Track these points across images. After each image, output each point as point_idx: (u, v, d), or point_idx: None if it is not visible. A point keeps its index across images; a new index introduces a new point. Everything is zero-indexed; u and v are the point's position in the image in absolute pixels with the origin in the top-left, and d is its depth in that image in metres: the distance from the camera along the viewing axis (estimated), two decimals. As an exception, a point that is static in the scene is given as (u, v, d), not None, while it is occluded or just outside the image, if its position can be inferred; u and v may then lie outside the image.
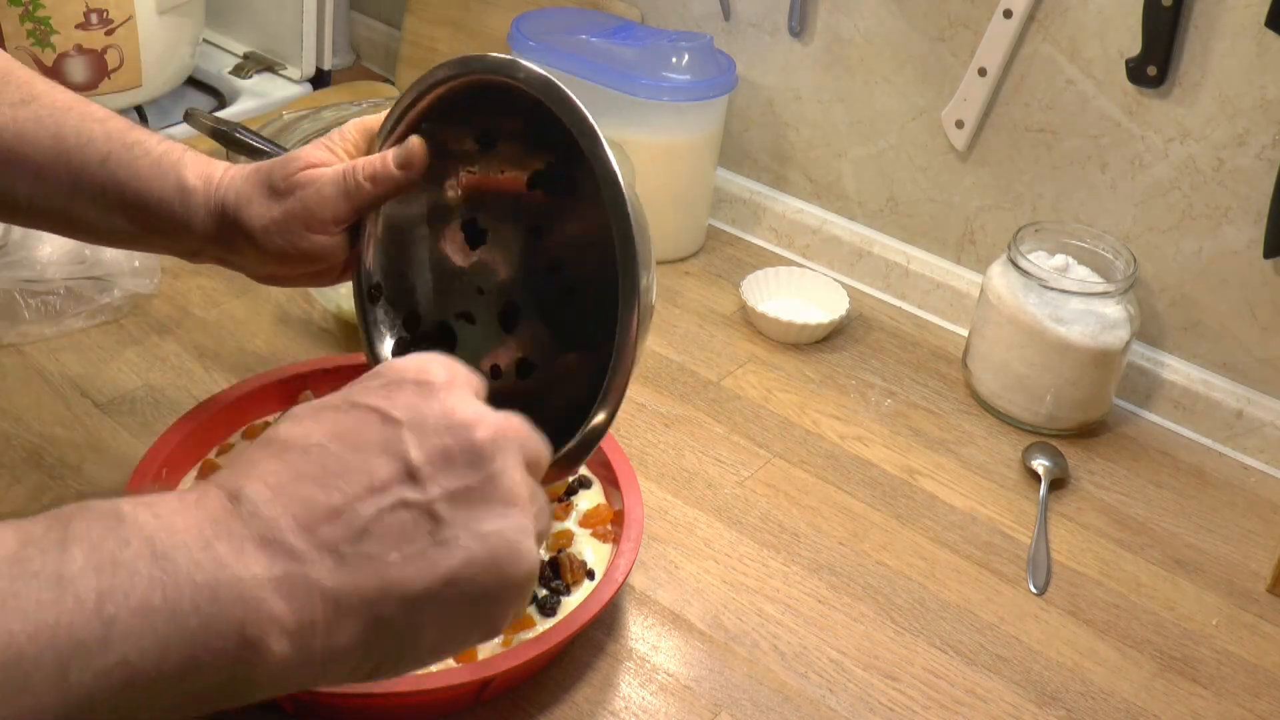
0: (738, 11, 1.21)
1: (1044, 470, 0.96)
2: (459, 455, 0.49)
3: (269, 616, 0.43)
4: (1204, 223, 1.00)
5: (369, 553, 0.46)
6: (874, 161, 1.18)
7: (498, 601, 0.49)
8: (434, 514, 0.47)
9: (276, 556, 0.44)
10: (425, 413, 0.49)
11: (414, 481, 0.47)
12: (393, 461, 0.48)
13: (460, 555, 0.47)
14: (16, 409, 0.92)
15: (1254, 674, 0.82)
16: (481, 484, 0.49)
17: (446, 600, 0.47)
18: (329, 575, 0.45)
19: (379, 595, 0.46)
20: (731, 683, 0.77)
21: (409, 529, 0.47)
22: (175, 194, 0.71)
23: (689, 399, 1.02)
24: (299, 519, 0.45)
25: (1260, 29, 0.92)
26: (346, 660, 0.46)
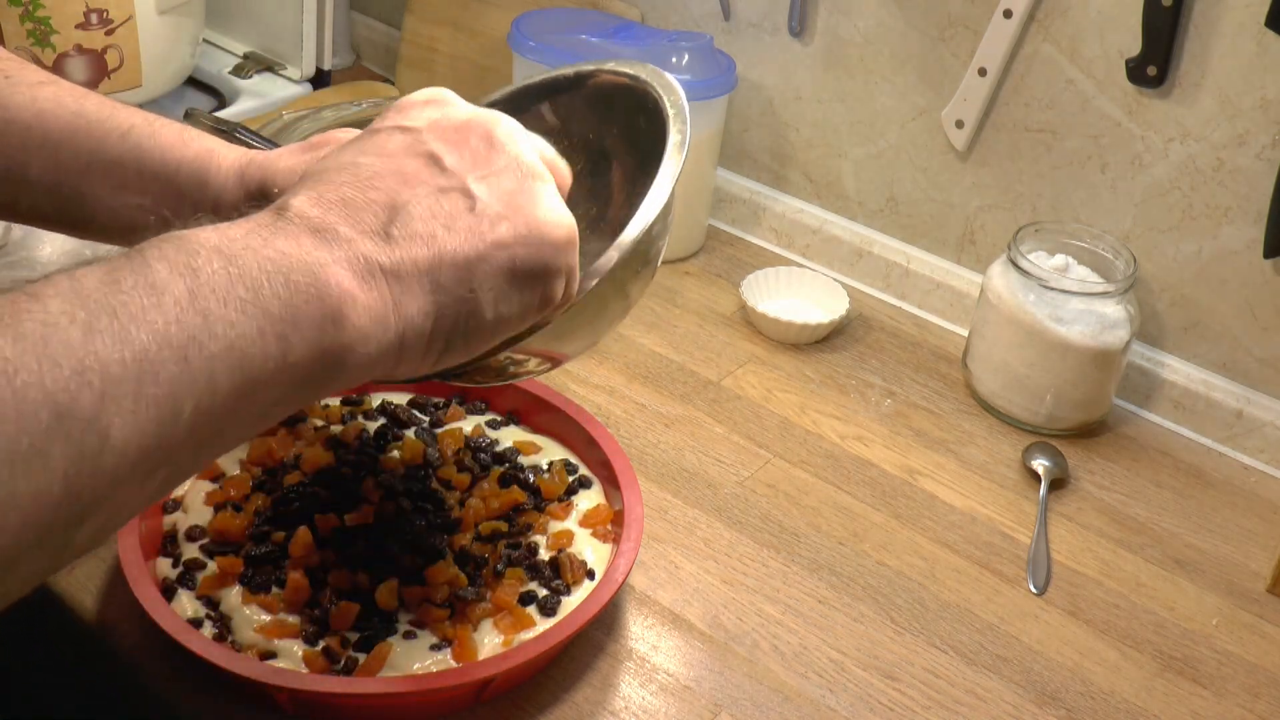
0: (738, 11, 1.21)
1: (1044, 470, 0.96)
2: (479, 144, 0.54)
3: (341, 290, 0.47)
4: (1204, 223, 1.00)
5: (416, 231, 0.50)
6: (874, 161, 1.18)
7: (546, 266, 0.54)
8: (469, 193, 0.52)
9: (332, 243, 0.48)
10: (441, 119, 0.54)
11: (442, 169, 0.52)
12: (419, 158, 0.52)
13: (502, 222, 0.52)
14: (17, 409, 0.92)
15: (1254, 674, 0.82)
16: (508, 165, 0.54)
17: (498, 264, 0.52)
18: (383, 253, 0.49)
19: (432, 264, 0.50)
20: (731, 683, 0.77)
21: (450, 208, 0.51)
22: (202, 154, 0.70)
23: (689, 399, 1.02)
24: (344, 215, 0.49)
25: (1260, 29, 0.92)
26: (420, 332, 0.51)
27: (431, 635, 0.72)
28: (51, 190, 0.73)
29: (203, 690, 0.72)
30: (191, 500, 0.79)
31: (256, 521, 0.77)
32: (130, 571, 0.72)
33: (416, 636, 0.72)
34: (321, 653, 0.70)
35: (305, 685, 0.68)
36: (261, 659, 0.70)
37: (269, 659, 0.70)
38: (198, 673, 0.70)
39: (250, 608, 0.72)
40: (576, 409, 0.89)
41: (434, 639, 0.72)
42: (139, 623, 0.76)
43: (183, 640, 0.69)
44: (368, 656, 0.70)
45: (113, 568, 0.78)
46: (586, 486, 0.85)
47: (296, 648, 0.71)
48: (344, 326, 0.47)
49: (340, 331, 0.47)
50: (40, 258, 1.00)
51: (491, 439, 0.87)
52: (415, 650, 0.71)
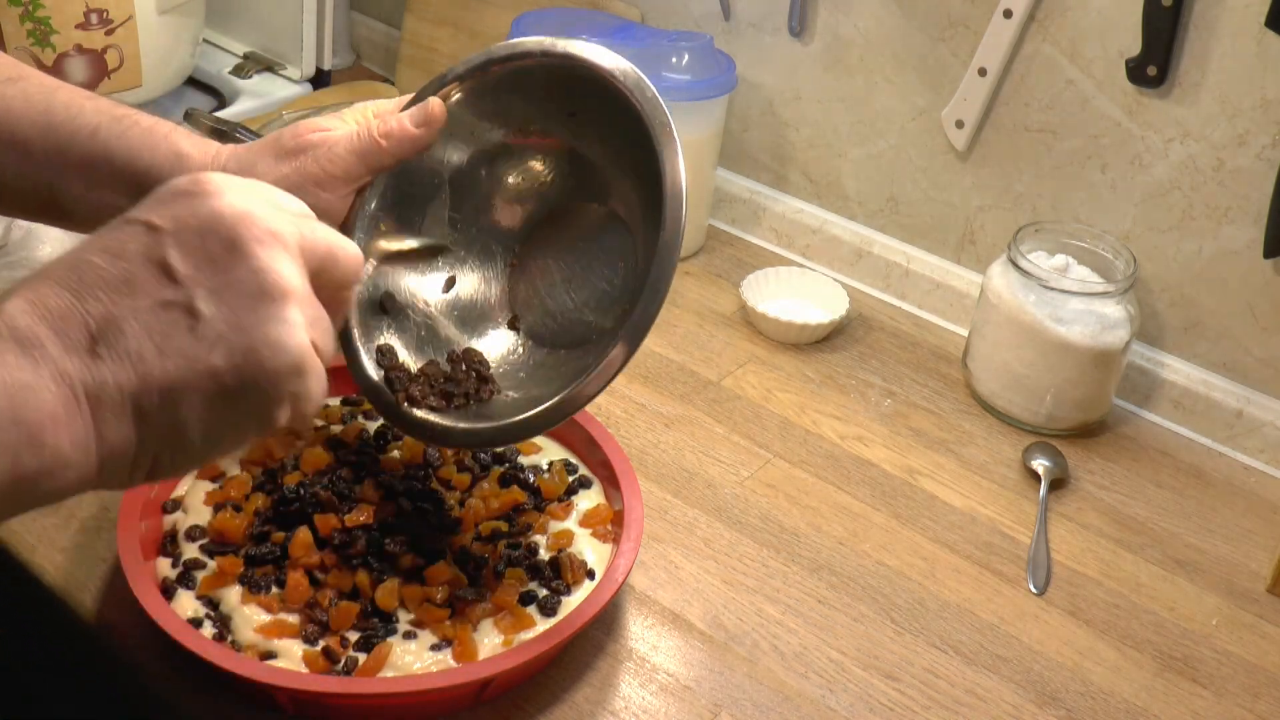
0: (738, 11, 1.21)
1: (1044, 470, 0.96)
2: (220, 252, 0.49)
3: (44, 414, 0.45)
4: (1204, 223, 1.00)
5: (127, 350, 0.47)
6: (874, 161, 1.18)
7: (263, 394, 0.50)
8: (194, 311, 0.48)
9: (38, 362, 0.46)
10: (189, 217, 0.50)
11: (173, 282, 0.48)
12: (152, 266, 0.49)
13: (222, 350, 0.49)
14: (16, 409, 0.92)
15: (1254, 674, 0.82)
16: (244, 279, 0.49)
17: (208, 392, 0.49)
18: (87, 374, 0.47)
19: (137, 390, 0.47)
20: (731, 683, 0.77)
21: (167, 327, 0.48)
22: (169, 160, 0.70)
23: (689, 399, 1.02)
24: (54, 326, 0.47)
25: (1260, 29, 0.92)
26: (122, 456, 0.48)
27: (431, 635, 0.72)
28: (29, 188, 0.72)
29: (203, 690, 0.72)
30: (191, 500, 0.79)
31: (256, 522, 0.77)
32: (130, 571, 0.72)
33: (416, 636, 0.72)
34: (321, 653, 0.70)
35: (305, 685, 0.68)
36: (261, 659, 0.70)
37: (269, 659, 0.70)
38: (198, 673, 0.70)
39: (250, 608, 0.72)
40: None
41: (434, 639, 0.72)
42: (139, 623, 0.76)
43: (183, 640, 0.69)
44: (368, 657, 0.70)
45: (113, 567, 0.78)
46: (586, 486, 0.85)
47: (296, 648, 0.71)
48: (41, 452, 0.46)
49: (36, 456, 0.46)
50: (40, 257, 1.00)
51: None
52: (415, 650, 0.71)
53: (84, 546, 0.81)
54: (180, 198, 0.51)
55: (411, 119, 0.72)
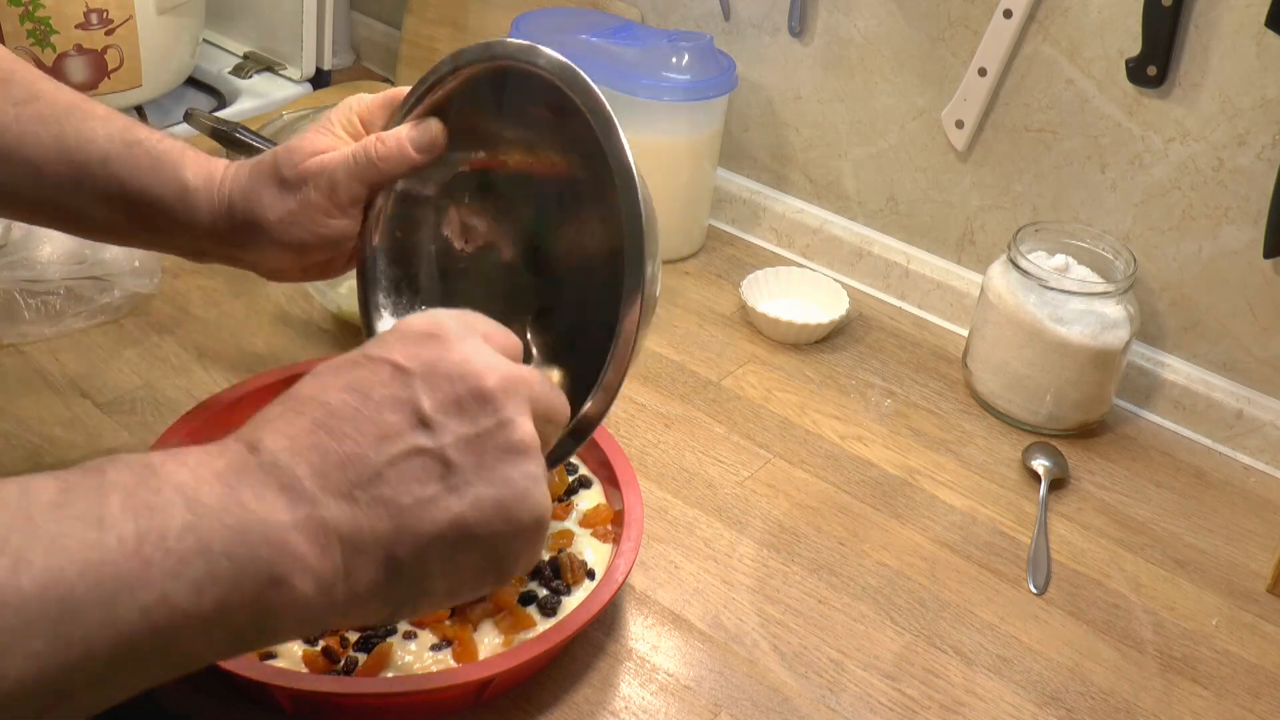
0: (738, 11, 1.21)
1: (1044, 470, 0.96)
2: (471, 403, 0.50)
3: (293, 557, 0.45)
4: (1204, 223, 1.00)
5: (382, 496, 0.48)
6: (874, 161, 1.18)
7: (508, 547, 0.51)
8: (446, 460, 0.49)
9: (296, 502, 0.46)
10: (436, 362, 0.51)
11: (426, 428, 0.49)
12: (404, 410, 0.49)
13: (470, 500, 0.49)
14: (16, 409, 0.92)
15: (1254, 674, 0.82)
16: (493, 431, 0.50)
17: (457, 544, 0.49)
18: (344, 518, 0.47)
19: (392, 538, 0.48)
20: (731, 683, 0.77)
21: (420, 474, 0.48)
22: (176, 195, 0.71)
23: (689, 399, 1.02)
24: (314, 466, 0.47)
25: (1260, 29, 0.92)
26: (368, 601, 0.48)
27: (432, 635, 0.72)
28: (48, 208, 0.74)
29: (202, 690, 0.71)
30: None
31: None
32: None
33: (416, 637, 0.72)
34: (321, 653, 0.70)
35: (305, 685, 0.68)
36: (261, 659, 0.70)
37: (269, 659, 0.70)
38: (197, 672, 0.70)
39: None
40: (576, 409, 0.89)
41: (434, 639, 0.72)
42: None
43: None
44: (368, 657, 0.70)
45: (112, 568, 0.78)
46: (586, 486, 0.85)
47: (296, 648, 0.71)
48: (289, 592, 0.46)
49: (285, 597, 0.46)
50: (40, 257, 1.00)
51: None
52: (415, 651, 0.71)
53: (84, 546, 0.81)
54: (421, 341, 0.52)
55: (412, 144, 0.72)
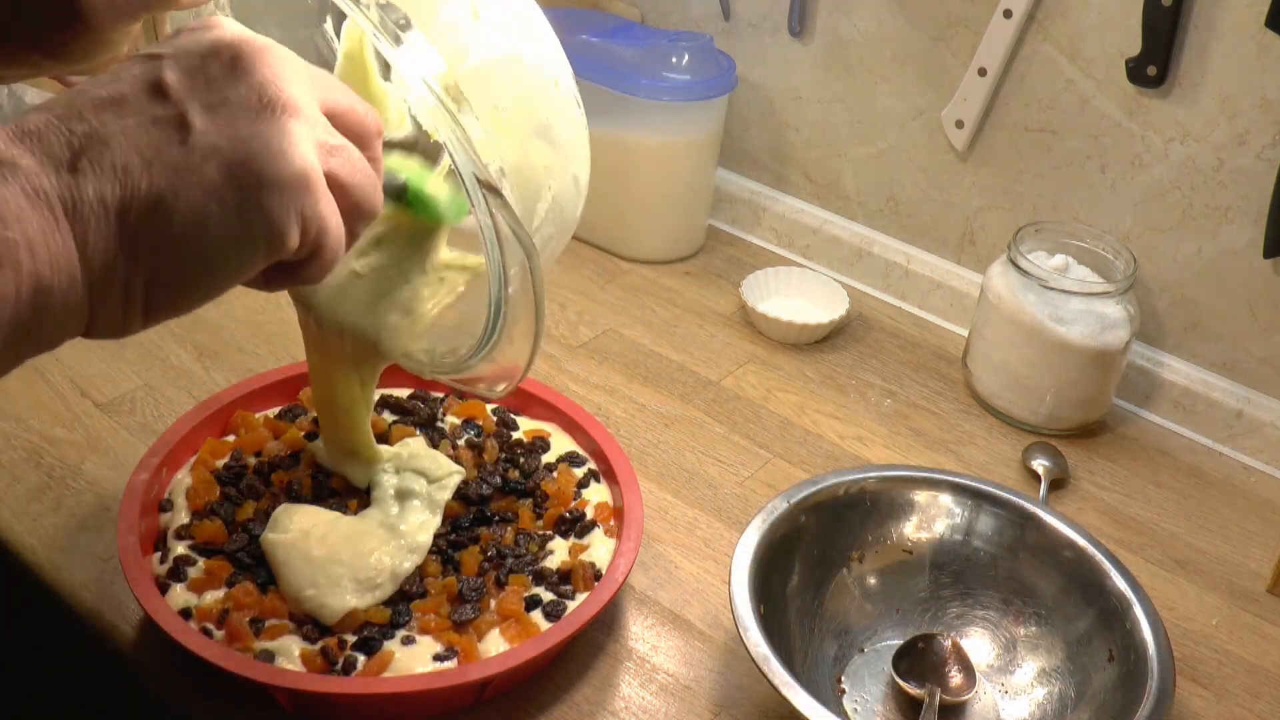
0: (738, 11, 1.21)
1: (1044, 470, 0.96)
2: (219, 69, 0.47)
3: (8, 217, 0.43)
4: (1204, 223, 1.00)
5: (111, 163, 0.45)
6: (874, 161, 1.18)
7: (263, 209, 0.47)
8: (185, 123, 0.46)
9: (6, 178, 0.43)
10: (191, 44, 0.48)
11: (164, 99, 0.46)
12: (145, 86, 0.47)
13: (212, 158, 0.46)
14: (16, 409, 0.92)
15: (1254, 674, 0.82)
16: (245, 95, 0.47)
17: (200, 206, 0.46)
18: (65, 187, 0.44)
19: (122, 201, 0.45)
20: (731, 683, 0.77)
21: (155, 140, 0.46)
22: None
23: (689, 399, 1.02)
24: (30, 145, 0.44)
25: (1260, 29, 0.92)
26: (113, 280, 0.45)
27: (435, 644, 0.72)
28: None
29: (202, 690, 0.71)
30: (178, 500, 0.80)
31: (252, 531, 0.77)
32: (130, 571, 0.72)
33: (415, 642, 0.72)
34: (320, 652, 0.70)
35: (305, 685, 0.68)
36: (261, 659, 0.70)
37: (268, 659, 0.70)
38: (197, 672, 0.70)
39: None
40: (576, 409, 0.89)
41: (437, 648, 0.71)
42: (139, 622, 0.76)
43: (183, 640, 0.68)
44: (370, 660, 0.70)
45: (112, 566, 0.78)
46: (598, 480, 0.84)
47: (295, 647, 0.70)
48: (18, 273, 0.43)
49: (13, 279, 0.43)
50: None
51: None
52: (417, 656, 0.71)
53: (84, 546, 0.81)
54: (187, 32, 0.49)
55: None
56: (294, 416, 0.87)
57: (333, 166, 0.50)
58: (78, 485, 0.86)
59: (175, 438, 0.82)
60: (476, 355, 0.67)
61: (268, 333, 1.04)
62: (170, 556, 0.75)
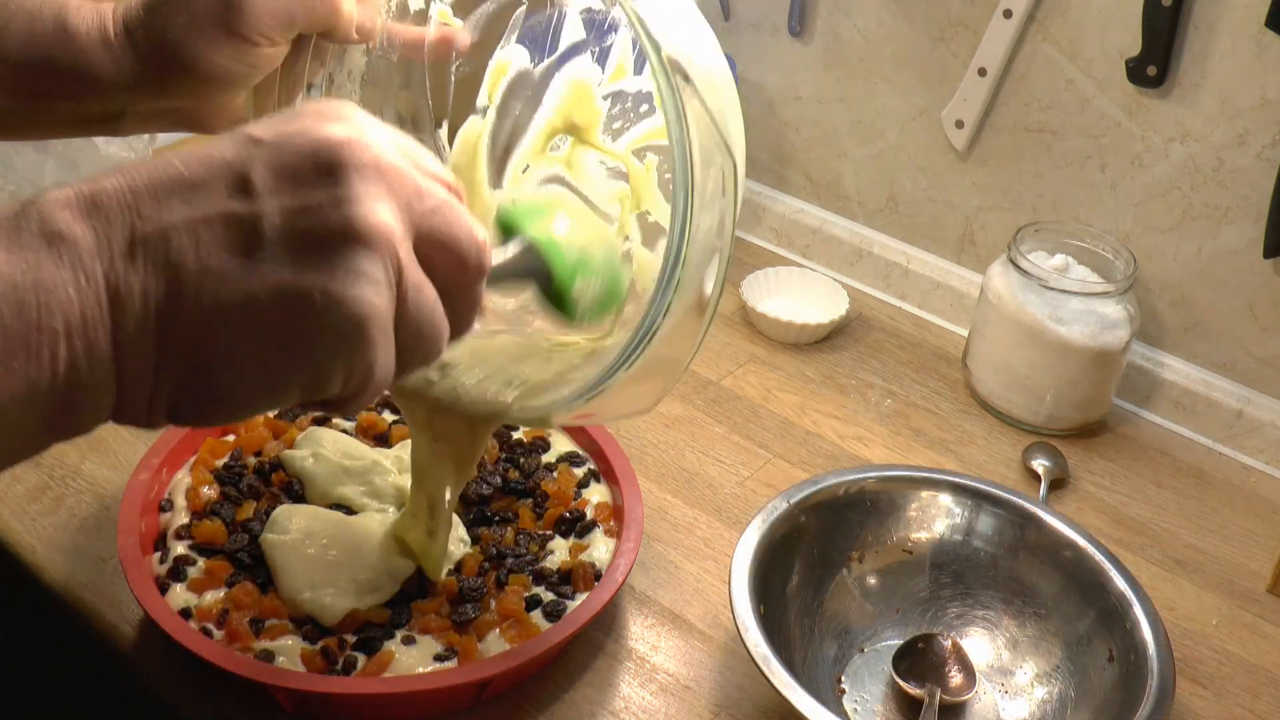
0: (738, 11, 1.21)
1: (1044, 470, 0.96)
2: (310, 171, 0.43)
3: (56, 314, 0.40)
4: (1204, 223, 1.00)
5: (166, 257, 0.41)
6: (874, 161, 1.18)
7: (313, 349, 0.43)
8: (256, 231, 0.42)
9: (61, 259, 0.40)
10: (297, 136, 0.43)
11: (244, 194, 0.42)
12: (226, 173, 0.42)
13: (270, 280, 0.42)
14: (16, 409, 0.92)
15: (1254, 674, 0.82)
16: (325, 206, 0.42)
17: (245, 329, 0.42)
18: (116, 275, 0.41)
19: (164, 300, 0.42)
20: (731, 683, 0.77)
21: (219, 242, 0.42)
22: (55, 38, 0.60)
23: (689, 399, 1.02)
24: (94, 224, 0.41)
25: (1260, 29, 0.92)
26: (143, 378, 0.42)
27: (435, 644, 0.72)
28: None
29: (202, 690, 0.71)
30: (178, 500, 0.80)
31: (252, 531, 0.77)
32: (130, 572, 0.72)
33: (416, 642, 0.72)
34: (319, 653, 0.70)
35: (305, 685, 0.68)
36: (261, 659, 0.70)
37: (268, 659, 0.70)
38: (198, 672, 0.70)
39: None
40: (576, 409, 0.89)
41: (438, 648, 0.72)
42: (139, 623, 0.76)
43: (183, 640, 0.69)
44: (369, 661, 0.70)
45: (113, 567, 0.78)
46: (598, 480, 0.85)
47: (295, 647, 0.70)
48: (56, 362, 0.40)
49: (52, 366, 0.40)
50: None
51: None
52: (417, 656, 0.71)
53: (84, 546, 0.81)
54: (300, 117, 0.44)
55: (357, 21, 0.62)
56: (294, 416, 0.87)
57: (401, 310, 0.45)
58: (78, 485, 0.86)
59: (175, 438, 0.82)
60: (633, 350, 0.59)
61: (268, 333, 1.04)
62: (170, 556, 0.75)
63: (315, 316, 0.42)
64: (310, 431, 0.83)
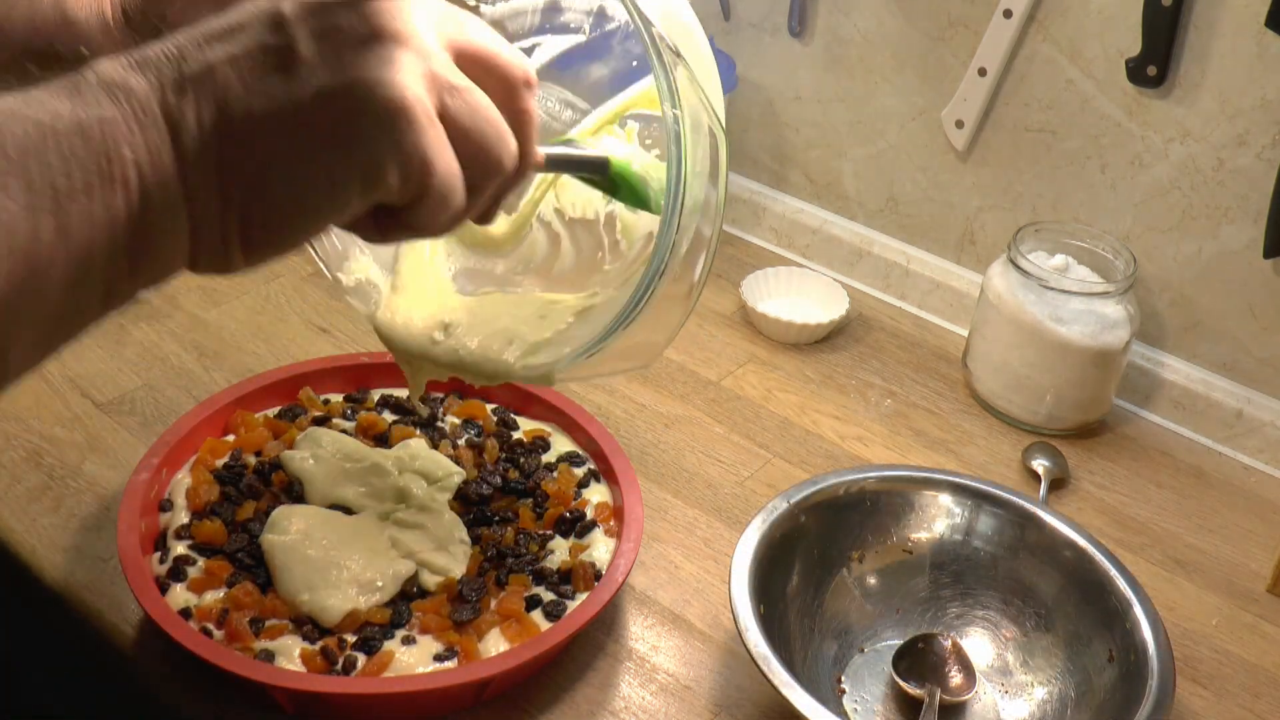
0: (738, 11, 1.21)
1: (1044, 470, 0.96)
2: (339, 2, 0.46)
3: (119, 135, 0.43)
4: (1204, 223, 1.00)
5: (213, 88, 0.44)
6: (874, 161, 1.18)
7: (359, 141, 0.46)
8: (293, 52, 0.45)
9: (120, 100, 0.43)
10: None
11: (279, 27, 0.45)
12: (263, 16, 0.46)
13: (311, 84, 0.45)
14: (16, 409, 0.92)
15: (1254, 674, 0.82)
16: (355, 23, 0.46)
17: (295, 134, 0.45)
18: (171, 105, 0.44)
19: (218, 124, 0.44)
20: (731, 683, 0.77)
21: (260, 67, 0.45)
22: (56, 25, 0.62)
23: (689, 399, 1.02)
24: (145, 72, 0.44)
25: (1260, 29, 0.92)
26: (209, 206, 0.45)
27: (435, 644, 0.72)
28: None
29: (202, 690, 0.71)
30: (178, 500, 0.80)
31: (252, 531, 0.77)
32: (130, 571, 0.72)
33: (416, 642, 0.72)
34: (319, 653, 0.70)
35: (305, 685, 0.68)
36: (261, 659, 0.70)
37: (268, 659, 0.70)
38: (198, 672, 0.70)
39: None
40: (576, 409, 0.89)
41: (438, 648, 0.72)
42: (139, 622, 0.76)
43: (183, 640, 0.69)
44: (370, 660, 0.70)
45: (113, 567, 0.78)
46: (598, 480, 0.85)
47: (295, 647, 0.70)
48: (130, 193, 0.43)
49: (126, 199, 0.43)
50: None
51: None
52: (417, 656, 0.71)
53: (84, 546, 0.81)
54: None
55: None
56: (294, 416, 0.87)
57: (449, 106, 0.47)
58: (78, 485, 0.86)
59: (175, 438, 0.82)
60: (629, 311, 0.61)
61: (267, 333, 1.04)
62: (170, 556, 0.75)
63: (356, 104, 0.45)
64: (310, 432, 0.83)
